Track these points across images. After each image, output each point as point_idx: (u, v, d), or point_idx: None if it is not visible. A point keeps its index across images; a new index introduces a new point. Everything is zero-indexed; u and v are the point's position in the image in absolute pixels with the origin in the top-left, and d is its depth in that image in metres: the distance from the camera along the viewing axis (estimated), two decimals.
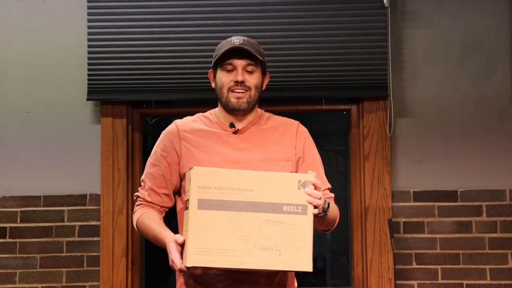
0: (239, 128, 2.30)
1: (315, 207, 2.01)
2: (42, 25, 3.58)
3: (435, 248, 3.49)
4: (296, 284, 2.34)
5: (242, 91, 2.26)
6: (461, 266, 3.47)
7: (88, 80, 3.50)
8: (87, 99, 3.50)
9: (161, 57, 3.49)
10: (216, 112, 2.36)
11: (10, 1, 3.60)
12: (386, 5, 3.46)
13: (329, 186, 2.34)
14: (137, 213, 2.30)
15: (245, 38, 2.30)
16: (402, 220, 3.51)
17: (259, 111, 2.38)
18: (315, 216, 2.03)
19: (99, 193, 3.51)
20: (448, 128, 3.54)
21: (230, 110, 2.29)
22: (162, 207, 2.31)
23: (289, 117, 2.46)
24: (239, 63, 2.26)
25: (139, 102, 3.62)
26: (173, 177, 2.29)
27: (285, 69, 3.48)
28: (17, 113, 3.56)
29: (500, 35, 3.56)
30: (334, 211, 2.25)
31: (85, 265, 3.48)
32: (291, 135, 2.33)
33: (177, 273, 2.26)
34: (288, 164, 2.27)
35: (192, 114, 2.43)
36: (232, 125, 2.30)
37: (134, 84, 3.50)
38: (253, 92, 2.27)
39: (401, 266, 3.48)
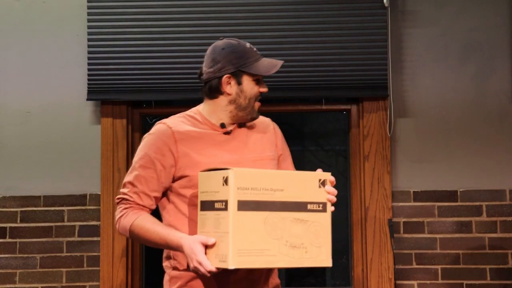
0: (230, 129, 2.28)
1: (332, 204, 2.09)
2: (42, 25, 3.58)
3: (435, 248, 3.49)
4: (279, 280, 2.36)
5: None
6: (461, 266, 3.47)
7: (88, 80, 3.50)
8: (87, 99, 3.50)
9: (161, 57, 3.49)
10: (201, 112, 2.32)
11: (10, 1, 3.60)
12: (386, 5, 3.47)
13: None
14: (129, 216, 2.21)
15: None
16: (402, 220, 3.51)
17: None
18: None
19: (99, 193, 3.51)
20: (448, 128, 3.54)
21: (250, 119, 2.30)
22: (150, 209, 2.25)
23: (289, 117, 2.47)
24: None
25: (139, 102, 3.62)
26: (166, 180, 2.23)
27: (285, 69, 3.46)
28: (17, 113, 3.56)
29: (500, 35, 3.56)
30: None
31: (85, 265, 3.48)
32: (271, 133, 2.37)
33: (168, 276, 2.25)
34: (274, 162, 2.31)
35: None
36: (223, 126, 2.29)
37: (134, 84, 3.50)
38: None
39: (401, 266, 3.48)
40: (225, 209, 1.96)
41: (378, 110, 3.54)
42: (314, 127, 4.73)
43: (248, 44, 2.29)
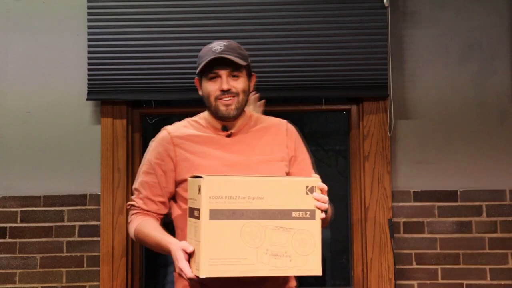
0: (233, 131, 2.29)
1: (322, 211, 2.02)
2: (42, 25, 3.58)
3: (435, 248, 3.49)
4: (295, 283, 2.34)
5: (230, 98, 2.25)
6: (461, 266, 3.47)
7: (88, 80, 3.50)
8: (87, 99, 3.50)
9: (161, 57, 3.49)
10: (205, 117, 2.35)
11: (10, 1, 3.60)
12: (386, 5, 3.46)
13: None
14: (134, 222, 2.28)
15: (226, 43, 2.28)
16: (402, 220, 3.51)
17: (247, 112, 2.38)
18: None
19: (99, 193, 3.51)
20: (448, 128, 3.54)
21: (220, 118, 2.28)
22: (158, 214, 2.29)
23: (289, 117, 2.46)
24: (223, 72, 2.24)
25: (139, 102, 3.62)
26: (168, 185, 2.27)
27: (285, 69, 3.48)
28: (17, 113, 3.56)
29: (500, 35, 3.56)
30: (331, 210, 2.25)
31: (85, 265, 3.48)
32: (282, 135, 2.34)
33: (176, 275, 2.26)
34: (283, 164, 2.29)
35: (192, 114, 2.43)
36: (225, 128, 2.29)
37: (134, 84, 3.50)
38: (241, 97, 2.27)
39: (401, 266, 3.48)
40: (199, 218, 1.96)
41: (378, 110, 3.54)
42: (314, 127, 4.73)
43: (212, 45, 2.28)
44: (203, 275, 1.94)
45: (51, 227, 3.50)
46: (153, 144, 2.32)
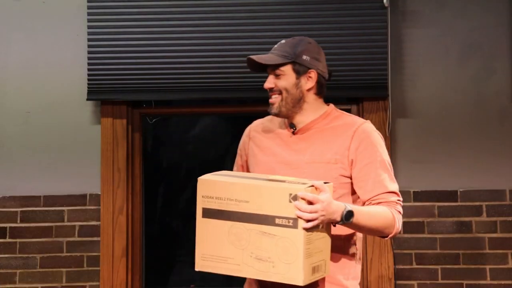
0: (298, 129, 2.28)
1: (309, 220, 1.95)
2: (42, 25, 3.58)
3: (435, 248, 3.49)
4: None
5: (275, 96, 2.25)
6: (461, 266, 3.47)
7: (88, 80, 3.50)
8: (87, 99, 3.50)
9: (161, 57, 3.49)
10: None
11: (10, 1, 3.60)
12: (386, 5, 3.46)
13: (389, 189, 2.25)
14: None
15: (284, 41, 2.30)
16: (402, 220, 3.50)
17: (327, 109, 2.34)
18: (336, 223, 2.03)
19: (99, 193, 3.51)
20: (448, 128, 3.54)
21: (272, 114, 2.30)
22: None
23: None
24: (269, 70, 2.27)
25: (139, 102, 3.62)
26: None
27: None
28: (17, 113, 3.56)
29: (500, 35, 3.56)
30: (376, 218, 2.20)
31: (85, 265, 3.48)
32: (347, 136, 2.24)
33: None
34: (336, 166, 2.20)
35: (192, 114, 2.45)
36: (292, 126, 2.29)
37: (134, 84, 3.50)
38: (284, 95, 2.24)
39: (401, 266, 3.48)
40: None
41: (378, 110, 3.54)
42: None
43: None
44: (196, 268, 2.06)
45: (51, 227, 3.50)
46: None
